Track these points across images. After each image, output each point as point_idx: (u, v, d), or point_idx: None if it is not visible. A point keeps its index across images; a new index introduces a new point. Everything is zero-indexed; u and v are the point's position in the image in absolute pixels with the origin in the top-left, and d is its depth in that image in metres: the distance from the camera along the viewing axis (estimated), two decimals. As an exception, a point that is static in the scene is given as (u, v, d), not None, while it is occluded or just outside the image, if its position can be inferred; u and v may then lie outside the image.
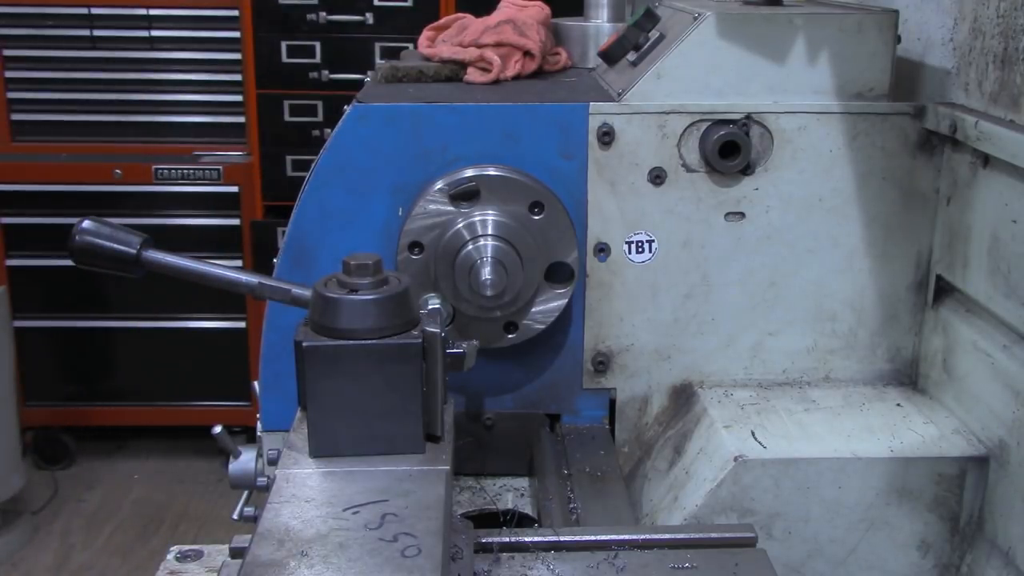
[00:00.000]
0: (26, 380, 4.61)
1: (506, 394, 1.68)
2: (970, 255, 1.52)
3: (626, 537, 1.22)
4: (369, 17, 4.36)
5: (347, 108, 1.59)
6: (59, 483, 4.61)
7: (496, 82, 1.73)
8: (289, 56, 4.39)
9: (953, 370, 1.57)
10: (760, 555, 1.22)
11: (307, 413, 1.10)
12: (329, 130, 1.59)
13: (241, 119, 4.55)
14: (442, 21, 1.95)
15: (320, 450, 1.10)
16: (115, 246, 1.16)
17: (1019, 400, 1.39)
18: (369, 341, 1.08)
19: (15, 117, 4.55)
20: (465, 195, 1.53)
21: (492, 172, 1.54)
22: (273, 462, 1.61)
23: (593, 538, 1.23)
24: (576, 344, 1.65)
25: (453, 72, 1.77)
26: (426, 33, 1.93)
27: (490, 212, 1.53)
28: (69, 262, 1.26)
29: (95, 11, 4.47)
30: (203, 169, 4.47)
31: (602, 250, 1.61)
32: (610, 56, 1.73)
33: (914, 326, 1.66)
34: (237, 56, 4.50)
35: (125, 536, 4.27)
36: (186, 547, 1.46)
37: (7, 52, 4.49)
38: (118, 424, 4.81)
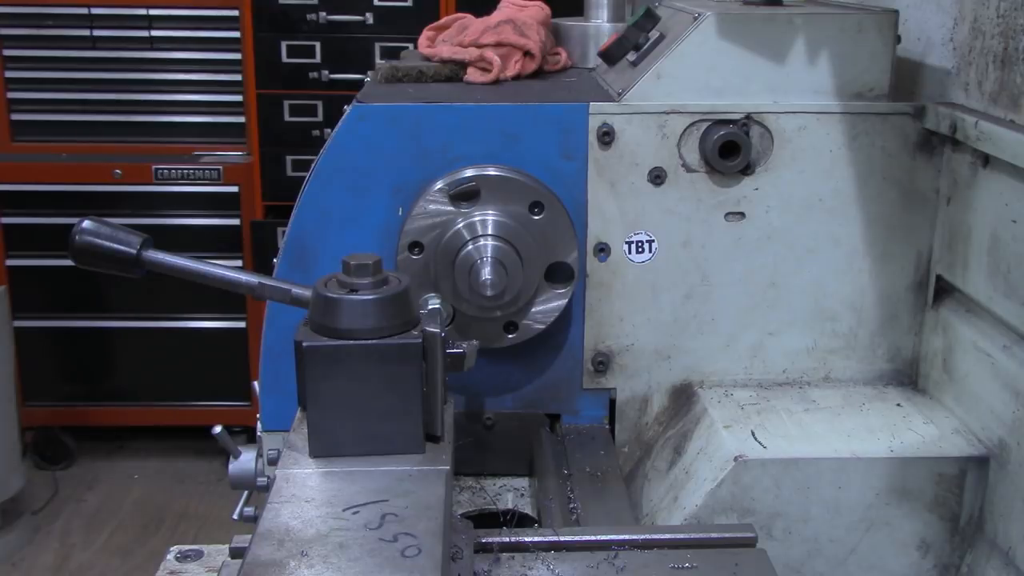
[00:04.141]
0: (26, 380, 4.61)
1: (506, 394, 1.68)
2: (970, 255, 1.52)
3: (626, 537, 1.22)
4: (369, 17, 4.36)
5: (347, 108, 1.59)
6: (59, 483, 4.61)
7: (496, 82, 1.73)
8: (289, 56, 4.39)
9: (953, 370, 1.57)
10: (760, 555, 1.22)
11: (307, 413, 1.10)
12: (329, 130, 1.59)
13: (241, 119, 4.55)
14: (442, 21, 1.95)
15: (320, 450, 1.10)
16: (115, 246, 1.16)
17: (1019, 400, 1.39)
18: (369, 341, 1.08)
19: (15, 117, 4.55)
20: (465, 195, 1.53)
21: (492, 172, 1.54)
22: (273, 462, 1.61)
23: (593, 538, 1.23)
24: (576, 344, 1.65)
25: (453, 72, 1.77)
26: (426, 33, 1.93)
27: (490, 212, 1.53)
28: (69, 262, 1.26)
29: (95, 11, 4.47)
30: (203, 169, 4.48)
31: (602, 250, 1.61)
32: (610, 56, 1.73)
33: (914, 326, 1.66)
34: (237, 56, 4.50)
35: (125, 536, 4.27)
36: (186, 547, 1.46)
37: (7, 52, 4.49)
38: (118, 424, 4.81)
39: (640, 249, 1.62)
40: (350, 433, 1.09)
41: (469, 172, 1.54)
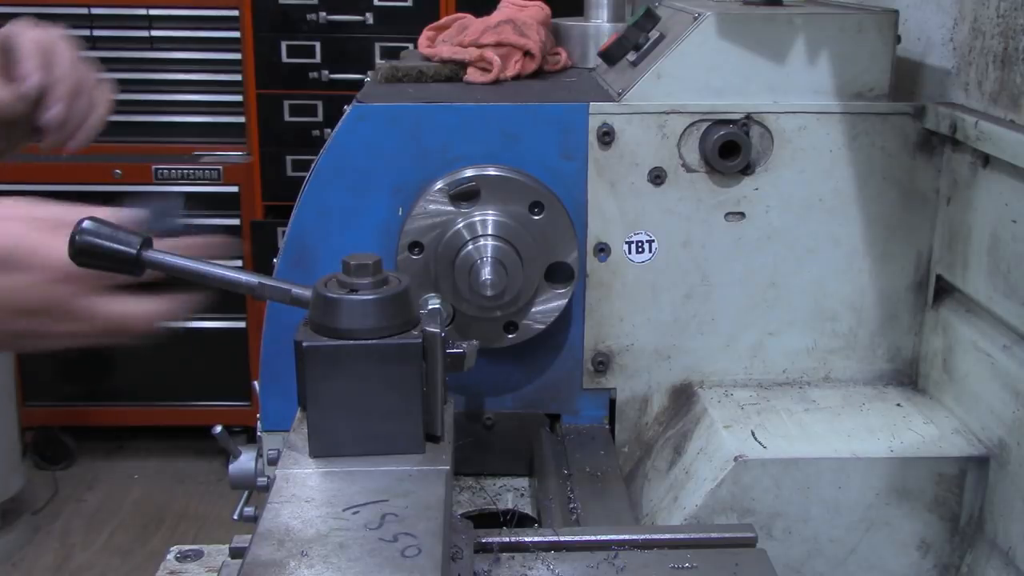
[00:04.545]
0: (26, 380, 4.61)
1: (506, 394, 1.68)
2: (970, 255, 1.52)
3: (626, 537, 1.22)
4: (369, 17, 4.36)
5: (347, 108, 1.59)
6: (59, 483, 4.61)
7: (496, 82, 1.73)
8: (289, 56, 4.39)
9: (953, 370, 1.57)
10: (760, 555, 1.21)
11: (307, 413, 1.10)
12: (329, 130, 1.59)
13: (241, 119, 4.55)
14: (442, 21, 1.95)
15: (320, 450, 1.10)
16: (115, 246, 1.16)
17: (1019, 400, 1.39)
18: (369, 341, 1.08)
19: (15, 117, 4.54)
20: (465, 195, 1.53)
21: (492, 172, 1.54)
22: (273, 462, 1.61)
23: (593, 538, 1.23)
24: (576, 344, 1.65)
25: (453, 72, 1.77)
26: (426, 33, 1.93)
27: (490, 212, 1.53)
28: (69, 262, 1.25)
29: (95, 11, 4.47)
30: (203, 169, 4.48)
31: (602, 250, 1.61)
32: (610, 56, 1.73)
33: (914, 326, 1.66)
34: (237, 56, 4.50)
35: (125, 536, 4.27)
36: (186, 547, 1.46)
37: (7, 52, 4.48)
38: (118, 424, 4.81)
39: (640, 249, 1.62)
40: (350, 433, 1.09)
41: (469, 172, 1.54)
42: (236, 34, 4.47)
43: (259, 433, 1.67)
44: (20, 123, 1.49)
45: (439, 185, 1.54)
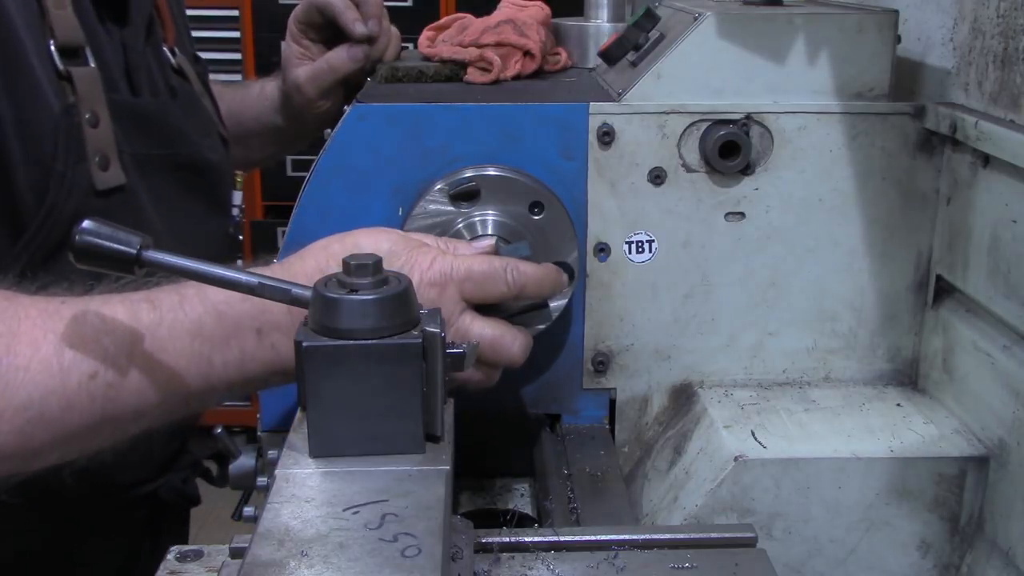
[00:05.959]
0: (26, 380, 4.60)
1: (506, 394, 1.68)
2: (970, 255, 1.52)
3: (626, 537, 1.22)
4: (369, 17, 4.35)
5: (347, 108, 1.59)
6: (59, 483, 4.60)
7: (496, 82, 1.73)
8: (289, 56, 4.38)
9: (953, 370, 1.57)
10: (760, 555, 1.21)
11: (307, 413, 1.10)
12: (329, 130, 1.59)
13: (241, 119, 4.55)
14: (442, 21, 1.95)
15: (320, 450, 1.10)
16: (115, 246, 1.16)
17: (1019, 400, 1.39)
18: (369, 341, 1.08)
19: (15, 117, 4.54)
20: (465, 195, 1.53)
21: (492, 172, 1.54)
22: (273, 462, 1.61)
23: (593, 538, 1.23)
24: (576, 344, 1.65)
25: (453, 72, 1.77)
26: (426, 33, 1.93)
27: (490, 212, 1.53)
28: (69, 262, 1.25)
29: (95, 11, 4.47)
30: (203, 169, 4.47)
31: (602, 250, 1.61)
32: (610, 56, 1.73)
33: (914, 326, 1.66)
34: (237, 56, 4.50)
35: (125, 536, 4.26)
36: (186, 547, 1.46)
37: (7, 52, 4.48)
38: (118, 424, 4.80)
39: (640, 249, 1.62)
40: (350, 433, 1.09)
41: (469, 172, 1.54)
42: (236, 34, 4.47)
43: (259, 433, 1.67)
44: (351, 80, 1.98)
45: (439, 185, 1.54)
